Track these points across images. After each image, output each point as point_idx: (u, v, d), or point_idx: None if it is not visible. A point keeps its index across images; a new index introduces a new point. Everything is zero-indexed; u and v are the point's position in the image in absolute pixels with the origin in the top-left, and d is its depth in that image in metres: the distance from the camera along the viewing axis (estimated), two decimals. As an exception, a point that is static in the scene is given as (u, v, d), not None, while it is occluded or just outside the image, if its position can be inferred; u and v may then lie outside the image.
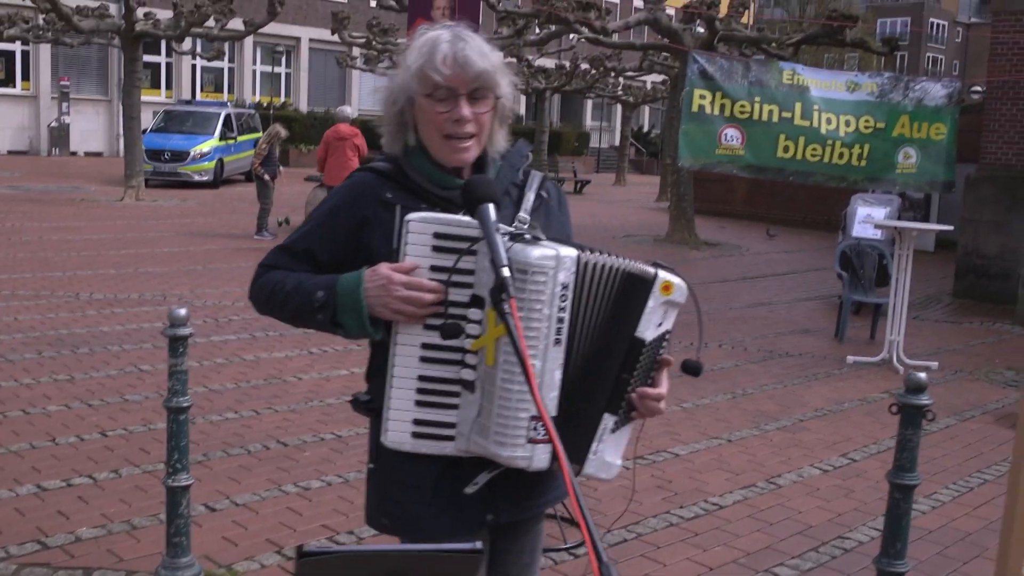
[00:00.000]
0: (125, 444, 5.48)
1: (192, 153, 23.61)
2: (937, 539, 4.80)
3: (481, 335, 1.95)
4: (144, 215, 17.18)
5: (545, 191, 2.24)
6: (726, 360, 8.54)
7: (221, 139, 24.44)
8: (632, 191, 32.59)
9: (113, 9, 19.77)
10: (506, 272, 1.80)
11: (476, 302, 1.96)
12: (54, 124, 31.07)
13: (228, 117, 25.22)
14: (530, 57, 26.69)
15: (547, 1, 15.42)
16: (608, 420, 2.05)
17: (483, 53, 2.06)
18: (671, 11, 17.06)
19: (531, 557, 2.28)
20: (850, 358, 8.77)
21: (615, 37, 16.78)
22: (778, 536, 4.71)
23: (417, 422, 2.01)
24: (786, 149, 9.62)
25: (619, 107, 39.58)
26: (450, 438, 2.00)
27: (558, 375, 1.95)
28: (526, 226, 2.09)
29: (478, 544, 1.25)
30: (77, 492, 4.75)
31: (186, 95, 33.07)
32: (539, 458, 1.95)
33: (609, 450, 2.06)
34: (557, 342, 1.94)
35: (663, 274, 2.03)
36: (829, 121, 9.61)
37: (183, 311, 3.74)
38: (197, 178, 23.49)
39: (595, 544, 1.47)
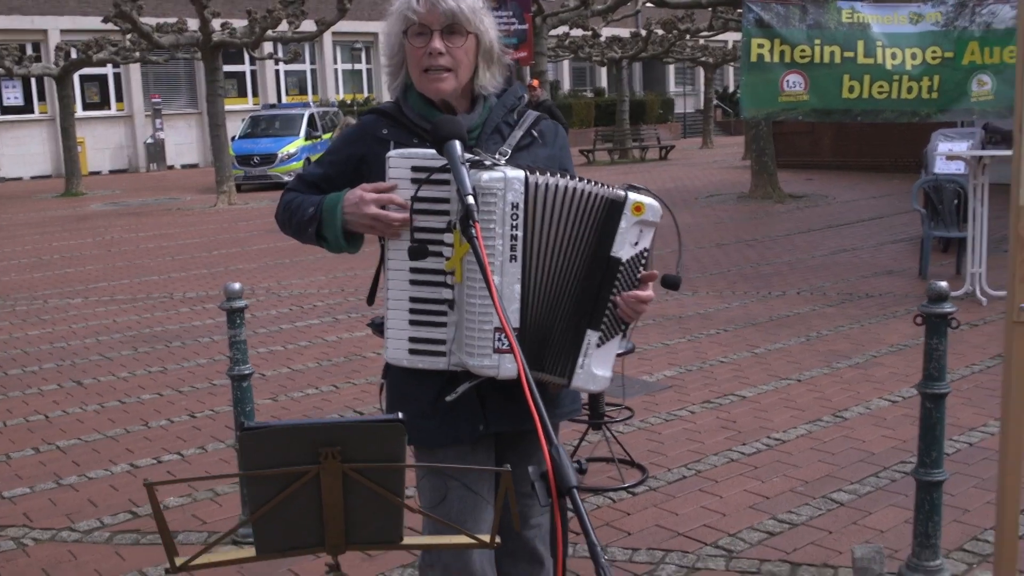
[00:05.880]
0: (212, 423, 5.80)
1: (280, 155, 24.25)
2: (1003, 457, 4.77)
3: (451, 257, 2.11)
4: (236, 218, 17.78)
5: (538, 131, 2.38)
6: (803, 306, 8.50)
7: (307, 139, 25.01)
8: (719, 152, 32.20)
9: (192, 24, 20.41)
10: (471, 200, 1.96)
11: (451, 228, 2.13)
12: (150, 140, 32.23)
13: (312, 117, 25.80)
14: (595, 28, 26.56)
15: (607, -32, 15.35)
16: (592, 336, 2.19)
17: None
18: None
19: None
20: (931, 294, 8.61)
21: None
22: (839, 464, 4.75)
23: (412, 339, 2.20)
24: (851, 89, 9.47)
25: (700, 70, 39.14)
26: (442, 354, 2.18)
27: (517, 288, 2.11)
28: (505, 159, 2.23)
29: (399, 415, 1.40)
30: (167, 467, 5.07)
31: (272, 100, 33.92)
32: (505, 367, 2.11)
33: (596, 363, 2.20)
34: (513, 258, 2.11)
35: (633, 195, 2.16)
36: (894, 56, 9.43)
37: (237, 285, 3.99)
38: (287, 179, 24.07)
39: (549, 437, 1.62)
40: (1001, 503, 2.73)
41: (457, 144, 2.05)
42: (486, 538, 1.67)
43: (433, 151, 2.14)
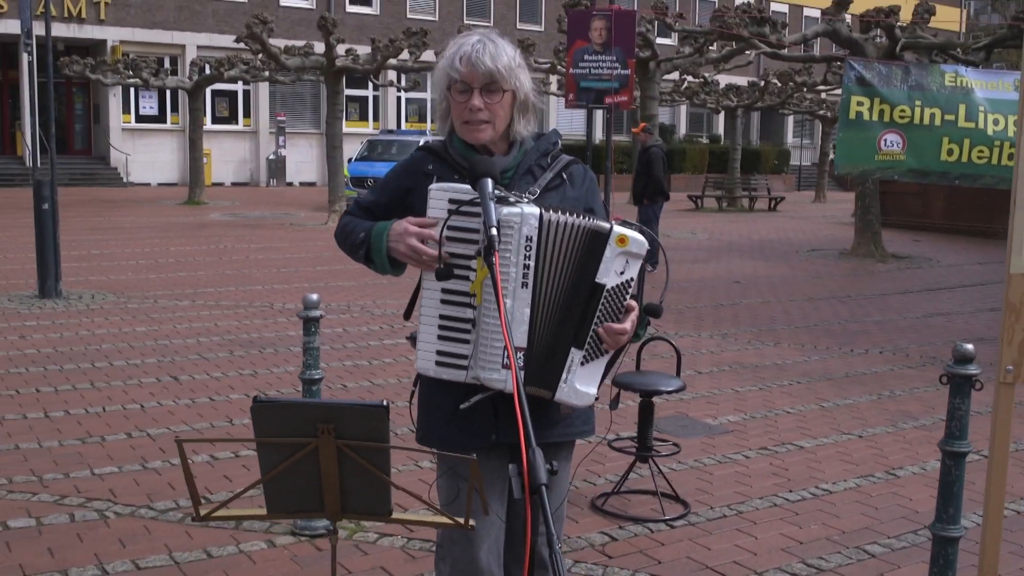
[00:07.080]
0: (290, 426, 6.17)
1: (392, 179, 25.03)
2: (1049, 528, 4.79)
3: (474, 281, 2.40)
4: (343, 236, 18.42)
5: (567, 173, 2.66)
6: (882, 365, 8.51)
7: (420, 165, 25.71)
8: (831, 207, 31.86)
9: (318, 48, 21.32)
10: (494, 231, 2.24)
11: (478, 255, 2.41)
12: (272, 157, 33.57)
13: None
14: (706, 75, 26.65)
15: (722, 19, 15.57)
16: (576, 354, 2.44)
17: (494, 55, 2.53)
18: (850, 20, 16.79)
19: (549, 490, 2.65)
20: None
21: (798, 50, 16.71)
22: (881, 519, 4.84)
23: (439, 352, 2.48)
24: (950, 152, 9.47)
25: (819, 123, 38.80)
26: (463, 367, 2.45)
27: (527, 312, 2.38)
28: (533, 197, 2.51)
29: (384, 402, 1.67)
30: (242, 462, 5.45)
31: (391, 126, 34.96)
32: (511, 382, 2.35)
33: (580, 380, 2.45)
34: (524, 285, 2.38)
35: (618, 228, 2.41)
36: (996, 122, 9.40)
37: (315, 296, 4.34)
38: (397, 202, 24.78)
39: (529, 441, 1.89)
40: (983, 552, 2.86)
41: (488, 182, 2.35)
42: (462, 520, 1.92)
43: (469, 187, 2.43)
